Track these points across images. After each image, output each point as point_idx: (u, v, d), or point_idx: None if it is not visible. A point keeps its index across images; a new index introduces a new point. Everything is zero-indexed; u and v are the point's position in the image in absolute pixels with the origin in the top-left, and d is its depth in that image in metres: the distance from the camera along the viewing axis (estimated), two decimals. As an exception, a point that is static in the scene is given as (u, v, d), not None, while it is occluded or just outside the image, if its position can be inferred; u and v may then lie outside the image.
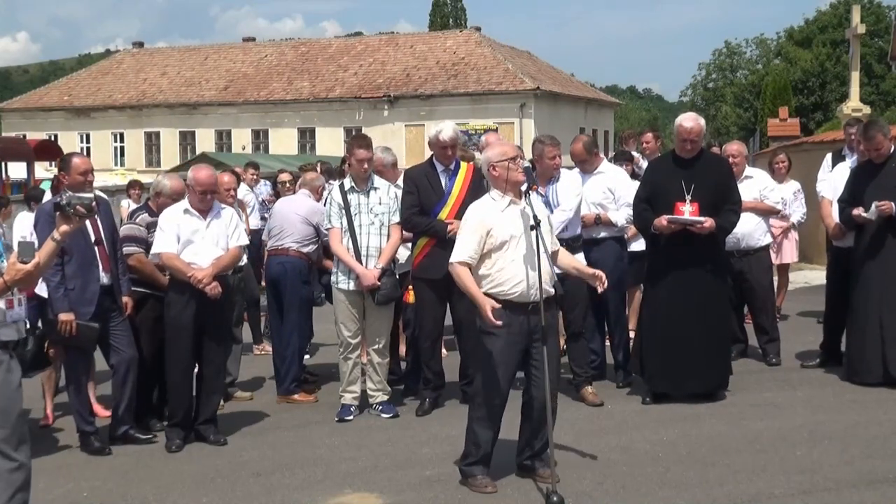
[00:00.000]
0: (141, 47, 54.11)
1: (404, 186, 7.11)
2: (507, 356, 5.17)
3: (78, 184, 6.22)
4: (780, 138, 21.50)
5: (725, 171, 7.17)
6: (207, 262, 6.38)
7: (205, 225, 6.45)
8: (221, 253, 6.47)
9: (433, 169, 6.99)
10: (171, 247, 6.37)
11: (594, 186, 7.38)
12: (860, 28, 17.08)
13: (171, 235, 6.39)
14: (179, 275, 6.34)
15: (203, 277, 6.27)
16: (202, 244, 6.41)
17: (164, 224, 6.44)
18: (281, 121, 44.67)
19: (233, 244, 6.55)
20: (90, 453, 6.26)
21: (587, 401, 6.88)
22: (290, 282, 7.51)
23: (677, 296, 6.74)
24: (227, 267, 6.56)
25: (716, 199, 6.77)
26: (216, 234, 6.48)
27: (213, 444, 6.44)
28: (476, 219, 5.22)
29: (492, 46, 44.58)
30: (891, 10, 51.54)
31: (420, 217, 6.86)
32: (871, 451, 5.57)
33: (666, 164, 7.26)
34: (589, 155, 7.58)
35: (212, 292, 6.30)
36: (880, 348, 6.91)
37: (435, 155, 7.03)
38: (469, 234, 5.19)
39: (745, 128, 50.57)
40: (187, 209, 6.46)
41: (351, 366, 6.93)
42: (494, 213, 5.20)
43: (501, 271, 5.13)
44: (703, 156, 6.98)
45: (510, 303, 5.11)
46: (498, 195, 5.26)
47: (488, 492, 5.16)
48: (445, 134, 6.91)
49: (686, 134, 6.82)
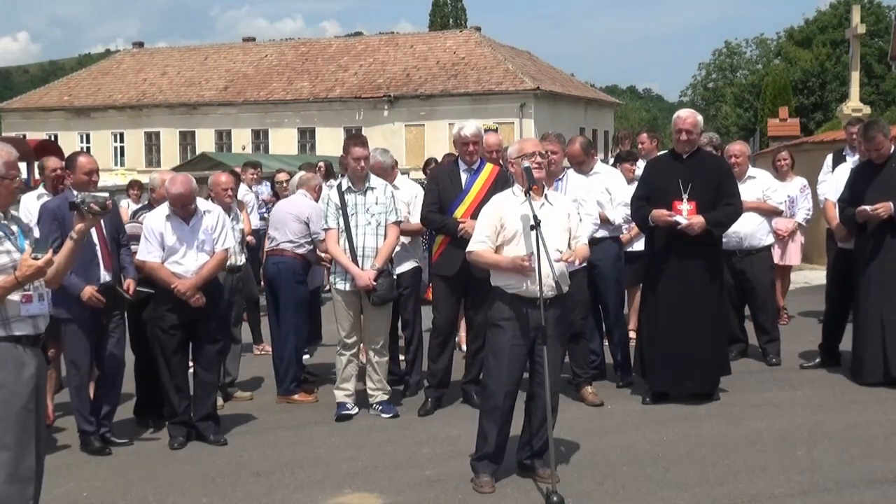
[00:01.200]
0: (141, 47, 54.13)
1: (427, 183, 7.23)
2: (514, 349, 5.22)
3: (83, 183, 6.24)
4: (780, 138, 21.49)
5: (724, 169, 7.16)
6: (193, 266, 6.38)
7: (188, 229, 6.43)
8: (206, 257, 6.45)
9: (455, 166, 7.06)
10: (155, 256, 6.38)
11: (592, 186, 7.39)
12: (860, 28, 17.09)
13: (155, 244, 6.38)
14: (163, 284, 6.37)
15: (185, 290, 6.30)
16: (186, 250, 6.41)
17: (148, 232, 6.43)
18: (281, 121, 44.69)
19: (218, 248, 6.54)
20: (90, 453, 6.26)
21: (587, 401, 6.89)
22: (285, 282, 7.53)
23: (674, 295, 6.74)
24: (212, 274, 6.53)
25: (714, 198, 6.77)
26: (201, 239, 6.46)
27: (213, 443, 6.45)
28: (492, 209, 5.36)
29: (492, 46, 44.59)
30: (891, 10, 51.61)
31: (435, 214, 6.93)
32: (871, 451, 5.58)
33: (663, 162, 7.27)
34: (586, 156, 7.60)
35: (195, 304, 6.33)
36: (881, 349, 6.91)
37: (458, 153, 7.09)
38: (485, 222, 5.35)
39: (745, 128, 50.57)
40: (169, 214, 6.43)
41: (345, 362, 6.94)
42: (511, 206, 5.29)
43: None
44: (699, 154, 6.97)
45: (518, 297, 5.20)
46: (519, 190, 5.34)
47: (483, 492, 5.17)
48: (467, 130, 6.96)
49: (680, 123, 6.83)
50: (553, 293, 5.13)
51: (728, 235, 7.98)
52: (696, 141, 6.93)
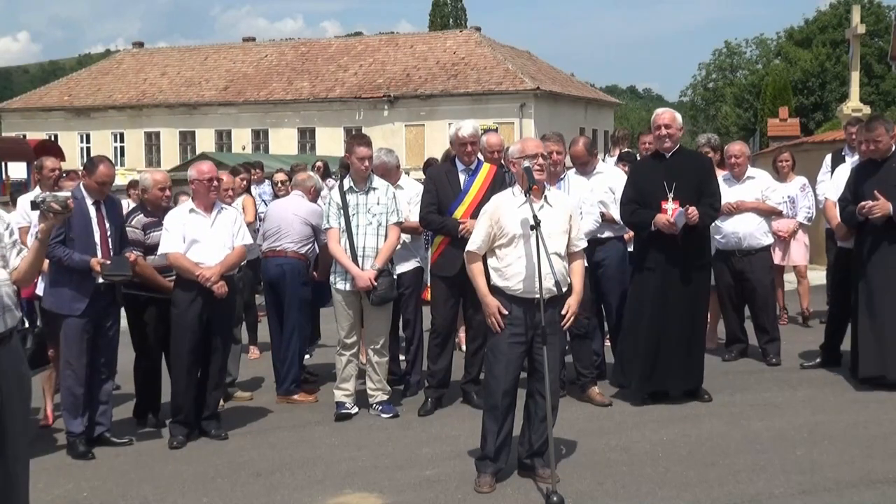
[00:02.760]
0: (141, 47, 54.12)
1: (424, 185, 7.20)
2: (511, 349, 5.22)
3: (93, 189, 6.27)
4: (780, 138, 21.51)
5: (704, 165, 7.15)
6: (213, 260, 6.45)
7: (209, 223, 6.53)
8: (227, 252, 6.54)
9: (453, 167, 7.05)
10: (178, 247, 6.44)
11: (596, 186, 7.39)
12: (860, 28, 17.06)
13: (178, 235, 6.45)
14: (187, 274, 6.39)
15: (211, 276, 6.35)
16: (208, 243, 6.48)
17: (170, 225, 6.51)
18: (281, 121, 44.69)
19: (238, 243, 6.63)
20: (74, 457, 6.20)
21: (594, 401, 6.88)
22: (290, 283, 7.51)
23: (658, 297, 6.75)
24: (233, 265, 6.63)
25: (698, 196, 6.78)
26: (221, 233, 6.55)
27: (214, 438, 6.51)
28: (490, 209, 5.35)
29: (492, 46, 44.59)
30: (891, 10, 51.59)
31: (435, 215, 6.91)
32: (871, 451, 5.57)
33: (647, 163, 7.30)
34: (590, 156, 7.61)
35: (219, 291, 6.38)
36: (878, 347, 6.89)
37: (456, 153, 7.07)
38: (482, 223, 5.35)
39: (745, 128, 50.59)
40: (192, 209, 6.55)
41: (344, 362, 6.94)
42: (509, 206, 5.28)
43: (509, 266, 5.23)
44: (681, 152, 6.96)
45: (515, 297, 5.21)
46: (518, 190, 5.33)
47: (482, 492, 5.17)
48: (465, 131, 6.96)
49: (658, 119, 6.84)
50: (552, 294, 5.14)
51: (727, 235, 8.01)
52: (677, 138, 6.90)
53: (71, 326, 6.20)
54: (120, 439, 6.49)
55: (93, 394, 6.35)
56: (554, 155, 6.78)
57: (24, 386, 4.37)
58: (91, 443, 6.32)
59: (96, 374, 6.34)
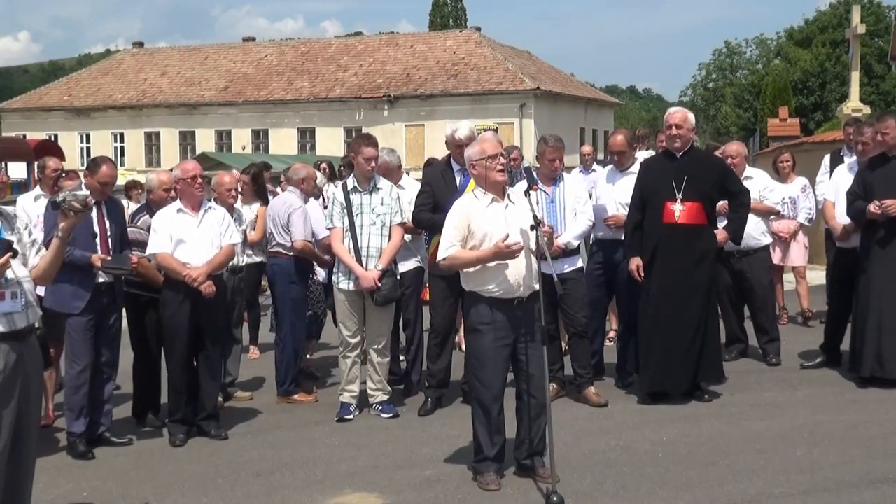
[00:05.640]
0: (141, 47, 54.09)
1: (421, 185, 7.20)
2: (495, 352, 5.20)
3: (95, 189, 6.26)
4: (780, 138, 21.50)
5: (721, 166, 7.13)
6: (201, 260, 6.45)
7: (197, 223, 6.53)
8: (215, 251, 6.53)
9: (449, 167, 7.05)
10: (166, 247, 6.44)
11: (627, 185, 7.21)
12: (860, 28, 17.08)
13: (165, 236, 6.45)
14: (174, 274, 6.41)
15: (197, 276, 6.35)
16: (195, 243, 6.48)
17: (158, 225, 6.51)
18: (281, 121, 44.68)
19: (225, 242, 6.62)
20: (75, 457, 6.21)
21: (591, 402, 6.87)
22: (280, 283, 7.54)
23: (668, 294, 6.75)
24: (220, 265, 6.61)
25: (711, 197, 6.76)
26: (209, 233, 6.55)
27: (214, 437, 6.51)
28: (457, 214, 5.27)
29: (492, 46, 44.56)
30: (891, 10, 51.61)
31: (426, 213, 6.91)
32: (871, 451, 5.58)
33: (657, 162, 7.24)
34: (630, 149, 7.51)
35: (206, 291, 6.38)
36: (876, 344, 6.89)
37: (451, 154, 7.07)
38: (451, 230, 5.26)
39: (745, 128, 50.55)
40: (180, 209, 6.54)
41: (350, 364, 6.94)
42: (476, 209, 5.23)
43: (483, 269, 5.17)
44: (693, 152, 6.95)
45: (494, 299, 5.17)
46: (480, 193, 5.28)
47: (490, 489, 5.17)
48: (461, 133, 6.94)
49: (670, 118, 6.84)
50: (531, 291, 5.14)
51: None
52: (688, 138, 6.88)
53: (74, 325, 6.20)
54: (120, 439, 6.50)
55: (95, 394, 6.34)
56: (556, 163, 6.80)
57: (42, 383, 4.45)
58: (91, 443, 6.32)
59: (98, 373, 6.34)
